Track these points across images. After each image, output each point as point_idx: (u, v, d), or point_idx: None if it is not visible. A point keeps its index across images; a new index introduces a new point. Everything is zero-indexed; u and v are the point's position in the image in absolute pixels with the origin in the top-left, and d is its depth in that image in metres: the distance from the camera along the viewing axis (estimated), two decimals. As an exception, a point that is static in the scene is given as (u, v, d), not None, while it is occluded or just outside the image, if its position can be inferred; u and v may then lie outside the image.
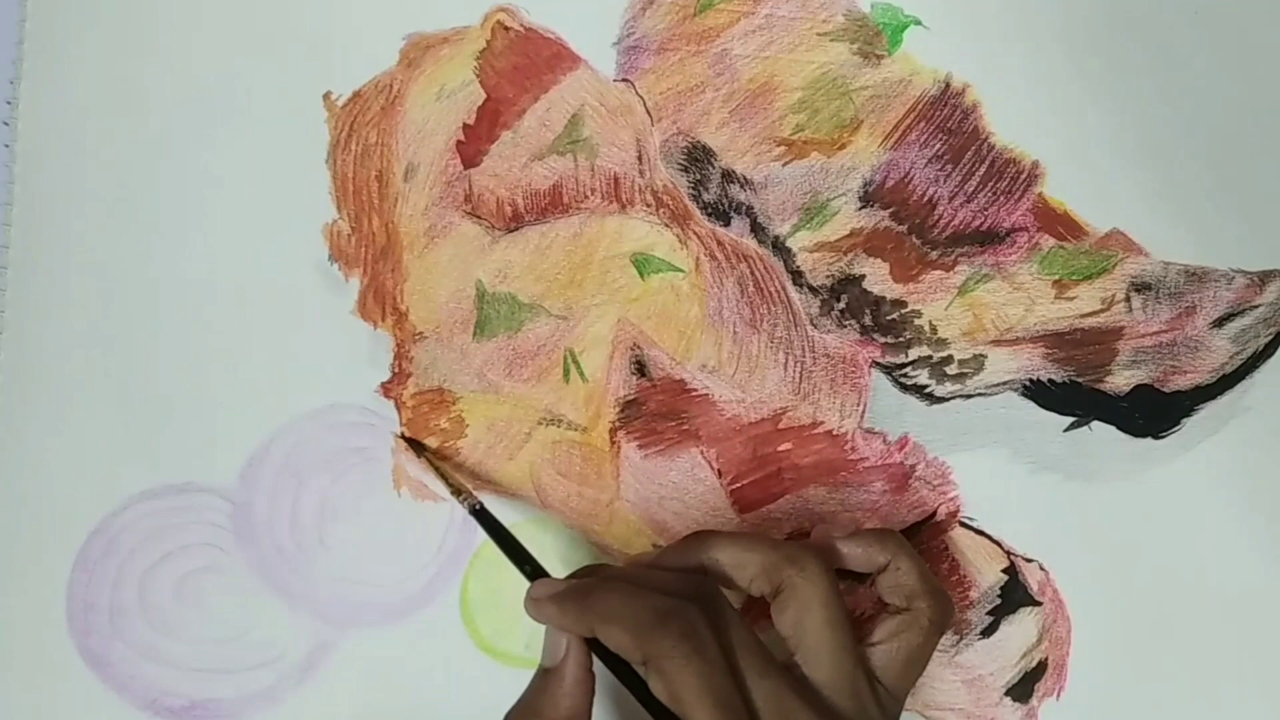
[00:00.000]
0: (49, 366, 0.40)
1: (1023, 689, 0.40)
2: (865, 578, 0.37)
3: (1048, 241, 0.40)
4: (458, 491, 0.38)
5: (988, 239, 0.40)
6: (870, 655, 0.35)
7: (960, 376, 0.40)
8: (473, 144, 0.40)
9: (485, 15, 0.41)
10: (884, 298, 0.40)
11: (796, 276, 0.40)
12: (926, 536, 0.40)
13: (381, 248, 0.41)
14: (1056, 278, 0.40)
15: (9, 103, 0.41)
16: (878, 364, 0.40)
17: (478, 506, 0.38)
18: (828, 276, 0.40)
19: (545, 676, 0.34)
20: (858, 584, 0.38)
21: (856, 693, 0.33)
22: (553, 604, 0.34)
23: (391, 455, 0.40)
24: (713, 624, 0.32)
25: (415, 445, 0.40)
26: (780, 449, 0.40)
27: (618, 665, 0.33)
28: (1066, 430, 0.40)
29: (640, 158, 0.40)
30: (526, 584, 0.35)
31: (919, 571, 0.36)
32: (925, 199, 0.40)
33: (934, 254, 0.40)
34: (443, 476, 0.39)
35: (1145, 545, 0.40)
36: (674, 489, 0.40)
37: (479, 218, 0.41)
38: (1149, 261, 0.40)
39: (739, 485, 0.40)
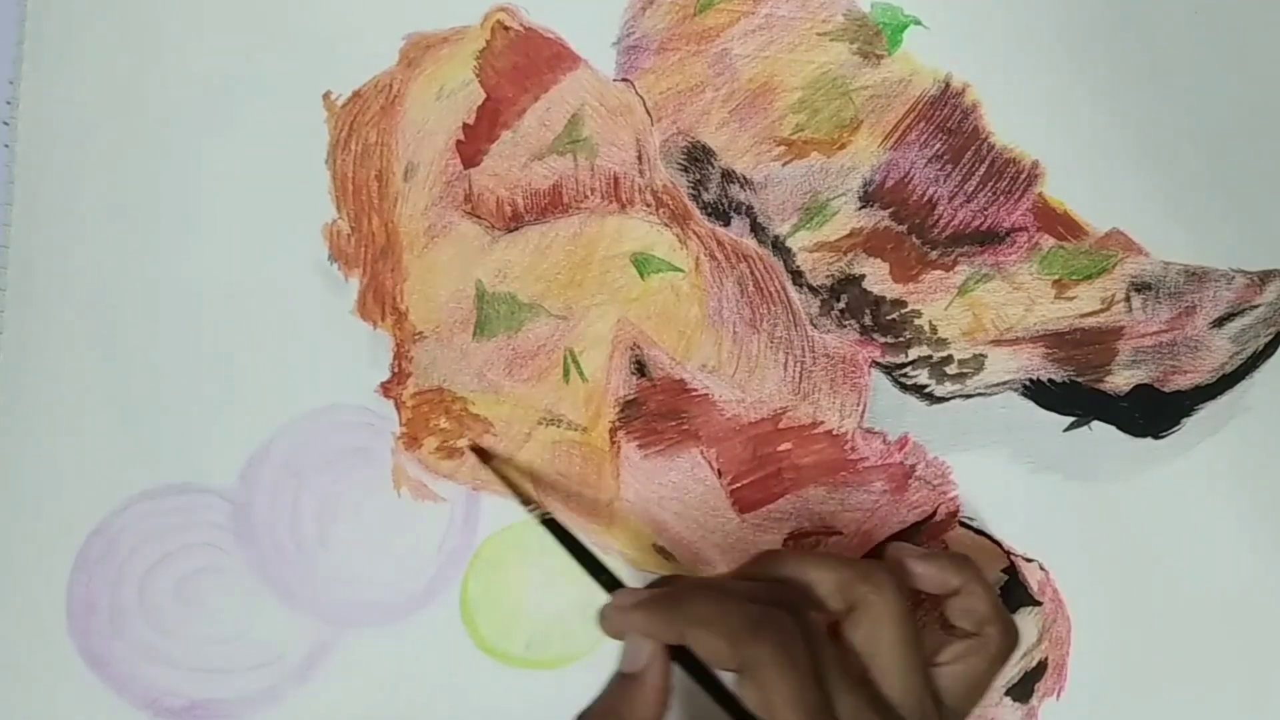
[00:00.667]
0: (49, 366, 0.40)
1: (1023, 689, 0.40)
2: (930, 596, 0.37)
3: (1048, 241, 0.40)
4: (527, 501, 0.38)
5: (988, 239, 0.40)
6: (935, 675, 0.35)
7: (960, 376, 0.40)
8: (473, 144, 0.40)
9: (485, 15, 0.41)
10: (884, 298, 0.40)
11: (796, 276, 0.40)
12: (926, 536, 0.40)
13: (381, 247, 0.40)
14: (1056, 278, 0.40)
15: (9, 103, 0.41)
16: (878, 364, 0.40)
17: (549, 517, 0.38)
18: (828, 276, 0.40)
19: (624, 682, 0.33)
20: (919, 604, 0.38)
21: (924, 712, 0.33)
22: (639, 611, 0.33)
23: (391, 455, 0.40)
24: (804, 634, 0.32)
25: (481, 454, 0.40)
26: (780, 449, 0.40)
27: (700, 673, 0.33)
28: (1066, 430, 0.40)
29: (640, 157, 0.40)
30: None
31: (991, 599, 0.36)
32: (925, 199, 0.40)
33: (934, 254, 0.40)
34: (511, 486, 0.39)
35: (1145, 545, 0.40)
36: (674, 489, 0.40)
37: (479, 217, 0.40)
38: (1149, 261, 0.40)
39: (739, 485, 0.40)
